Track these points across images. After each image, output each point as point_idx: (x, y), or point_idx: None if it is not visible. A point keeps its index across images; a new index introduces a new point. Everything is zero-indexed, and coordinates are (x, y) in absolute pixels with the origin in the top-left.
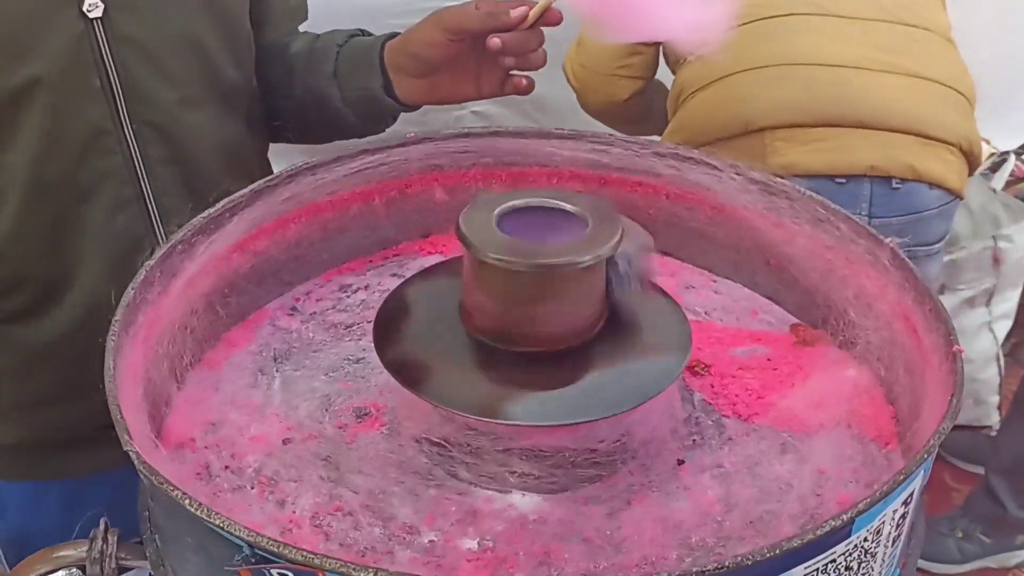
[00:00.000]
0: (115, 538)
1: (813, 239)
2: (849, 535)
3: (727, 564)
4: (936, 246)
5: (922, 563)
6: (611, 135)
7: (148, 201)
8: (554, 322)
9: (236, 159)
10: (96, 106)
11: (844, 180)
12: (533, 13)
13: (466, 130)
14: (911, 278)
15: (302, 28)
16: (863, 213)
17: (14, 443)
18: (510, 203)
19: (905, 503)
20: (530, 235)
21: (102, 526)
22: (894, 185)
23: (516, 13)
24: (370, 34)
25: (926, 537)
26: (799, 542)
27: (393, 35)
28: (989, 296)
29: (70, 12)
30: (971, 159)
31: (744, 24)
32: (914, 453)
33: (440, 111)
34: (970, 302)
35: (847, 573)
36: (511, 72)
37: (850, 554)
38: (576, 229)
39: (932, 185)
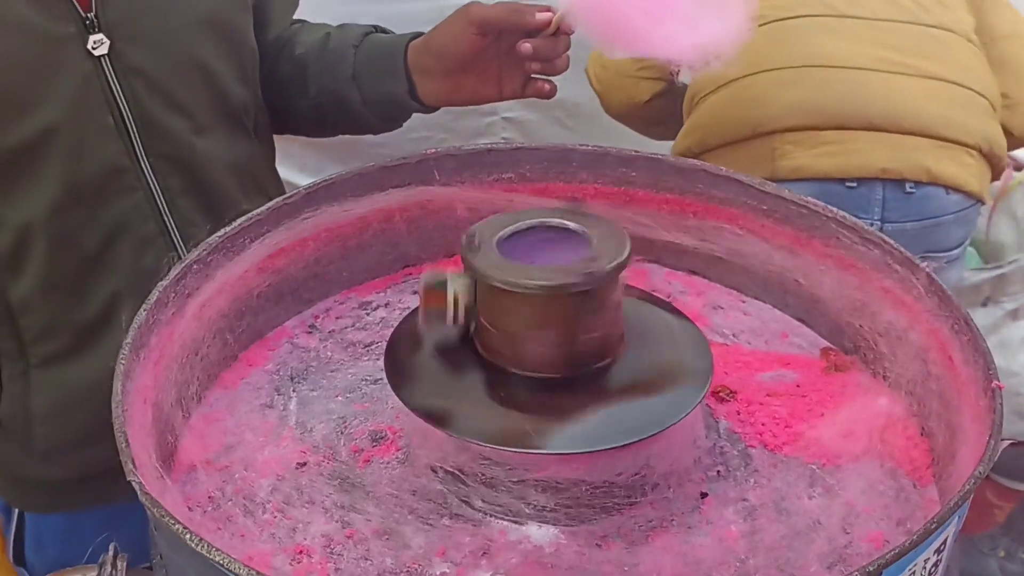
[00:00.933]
0: (124, 564)
1: (845, 261)
2: None
3: None
4: (955, 252)
5: None
6: (636, 153)
7: (172, 234)
8: (569, 346)
9: (250, 177)
10: (112, 144)
11: (855, 184)
12: (556, 20)
13: (488, 146)
14: (948, 305)
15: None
16: (875, 218)
17: (54, 480)
18: (511, 226)
19: (938, 551)
20: (534, 256)
21: (111, 551)
22: (908, 189)
23: (542, 16)
24: (384, 30)
25: (966, 556)
26: None
27: (416, 35)
28: None
29: (76, 53)
30: (993, 162)
31: (760, 26)
32: (948, 497)
33: (471, 118)
34: (1013, 315)
35: None
36: (533, 75)
37: None
38: (580, 247)
39: (949, 189)
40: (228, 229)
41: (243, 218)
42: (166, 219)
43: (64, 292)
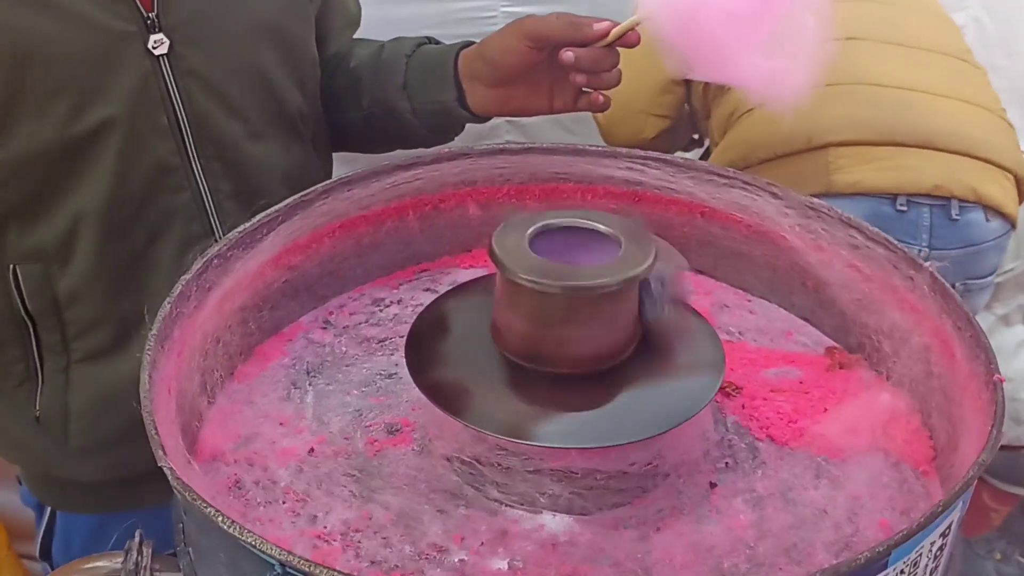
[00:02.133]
0: (150, 550)
1: (850, 261)
2: (886, 567)
3: None
4: (988, 279)
5: None
6: (646, 154)
7: (218, 235)
8: (586, 344)
9: (304, 186)
10: (164, 143)
11: (905, 207)
12: (616, 31)
13: (500, 146)
14: (951, 303)
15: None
16: (923, 244)
17: (88, 481)
18: (543, 223)
19: (943, 535)
20: (563, 255)
21: (137, 538)
22: (953, 216)
23: (599, 27)
24: (437, 42)
25: (963, 558)
26: (834, 574)
27: (467, 44)
28: None
29: (136, 51)
30: (1021, 187)
31: None
32: (952, 484)
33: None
34: (1005, 320)
35: None
36: (584, 88)
37: None
38: (609, 250)
39: (988, 216)
40: (247, 225)
41: (261, 215)
42: (212, 220)
43: (109, 286)
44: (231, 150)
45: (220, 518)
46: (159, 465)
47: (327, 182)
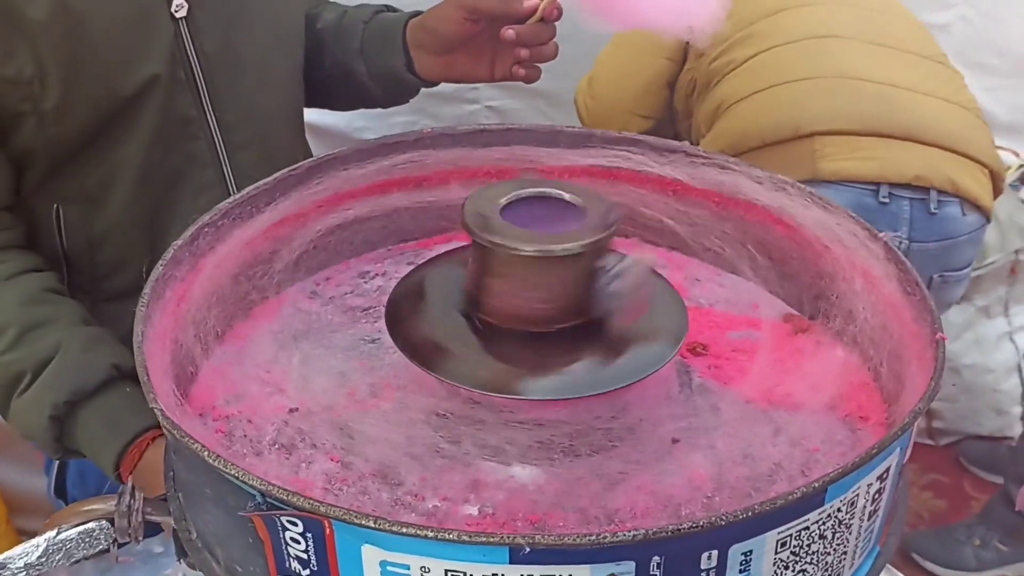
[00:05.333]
0: (141, 494)
1: (813, 234)
2: (823, 504)
3: (701, 524)
4: (964, 271)
5: (938, 570)
6: (620, 134)
7: (229, 183)
8: (554, 304)
9: (303, 131)
10: (183, 96)
11: (887, 200)
12: (542, 6)
13: (482, 127)
14: (902, 270)
15: None
16: (904, 236)
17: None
18: (514, 192)
19: (880, 478)
20: (531, 223)
21: (130, 483)
22: (932, 210)
23: (529, 3)
24: (396, 10)
25: (943, 544)
26: (771, 506)
27: (416, 13)
28: (1005, 305)
29: (164, 15)
30: (996, 183)
31: (792, 43)
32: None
33: (455, 105)
34: (985, 311)
35: (821, 542)
36: (524, 61)
37: (823, 523)
38: (575, 218)
39: (965, 211)
40: (237, 196)
41: (251, 187)
42: (224, 168)
43: (135, 229)
44: (244, 100)
45: (206, 453)
46: (151, 407)
47: (315, 158)
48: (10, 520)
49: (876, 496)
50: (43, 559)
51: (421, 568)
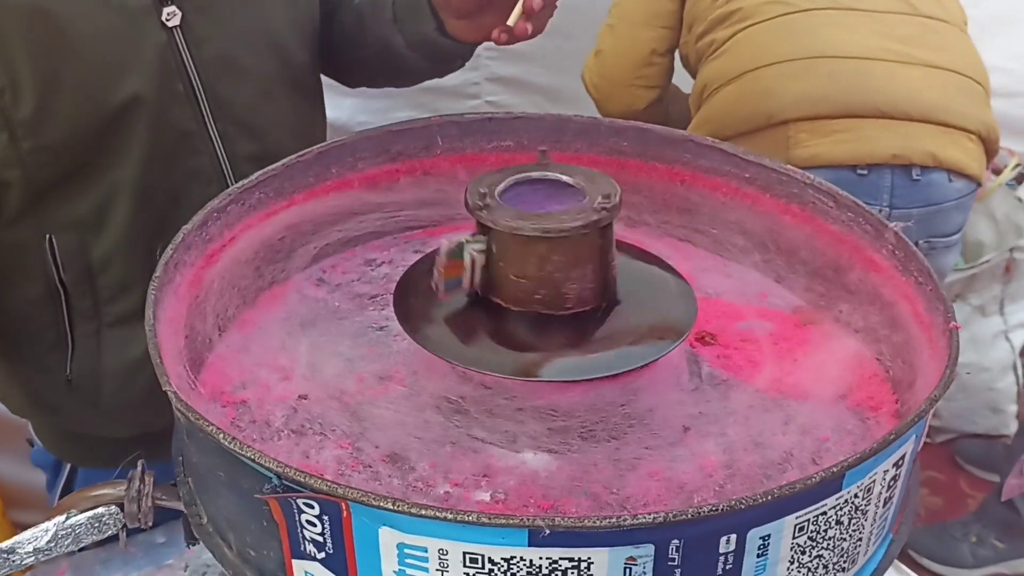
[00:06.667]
0: (151, 479)
1: (821, 224)
2: (840, 489)
3: (720, 507)
4: (954, 237)
5: (935, 567)
6: (628, 123)
7: None
8: (562, 287)
9: (312, 143)
10: (181, 110)
11: (865, 171)
12: None
13: (489, 115)
14: (913, 260)
15: None
16: (884, 204)
17: (114, 437)
18: (514, 176)
19: (896, 465)
20: (533, 205)
21: (139, 468)
22: (914, 176)
23: None
24: None
25: (940, 541)
26: (790, 490)
27: None
28: (1000, 304)
29: (153, 24)
30: (989, 146)
31: (767, 20)
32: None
33: (455, 100)
34: (981, 310)
35: (838, 527)
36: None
37: (841, 508)
38: (576, 199)
39: (951, 177)
40: (246, 182)
41: (259, 173)
42: (229, 182)
43: (138, 251)
44: (246, 111)
45: (221, 435)
46: (164, 390)
47: (322, 144)
48: (6, 514)
49: (892, 483)
50: (52, 544)
51: (439, 551)
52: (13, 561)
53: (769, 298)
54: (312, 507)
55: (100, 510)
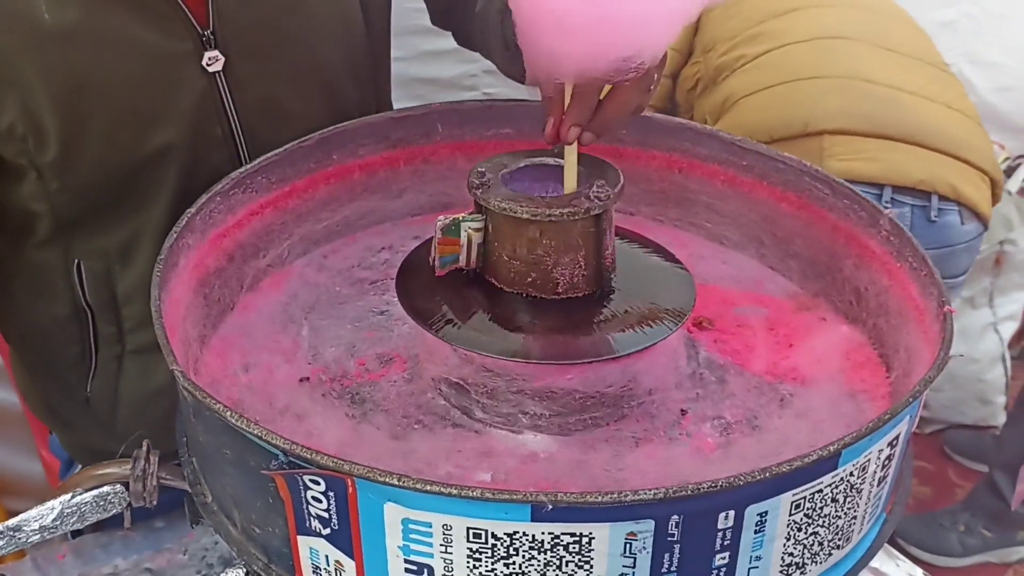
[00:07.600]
0: (156, 458)
1: (817, 212)
2: (836, 467)
3: (720, 484)
4: (960, 278)
5: (923, 555)
6: None
7: None
8: (563, 270)
9: None
10: (218, 153)
11: (889, 205)
12: None
13: (489, 102)
14: (909, 246)
15: None
16: None
17: (128, 455)
18: (516, 162)
19: (891, 444)
20: (534, 190)
21: (144, 447)
22: (932, 217)
23: None
24: None
25: (928, 530)
26: (788, 467)
27: None
28: (990, 296)
29: (192, 70)
30: (995, 189)
31: (806, 41)
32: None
33: (452, 93)
34: (970, 302)
35: (834, 505)
36: None
37: (836, 486)
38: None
39: (964, 219)
40: (248, 167)
41: (262, 158)
42: None
43: None
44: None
45: (228, 413)
46: (170, 369)
47: (323, 131)
48: (1, 502)
49: (886, 462)
50: (57, 522)
51: (443, 526)
52: (19, 538)
53: (765, 284)
54: (318, 483)
55: (105, 489)
